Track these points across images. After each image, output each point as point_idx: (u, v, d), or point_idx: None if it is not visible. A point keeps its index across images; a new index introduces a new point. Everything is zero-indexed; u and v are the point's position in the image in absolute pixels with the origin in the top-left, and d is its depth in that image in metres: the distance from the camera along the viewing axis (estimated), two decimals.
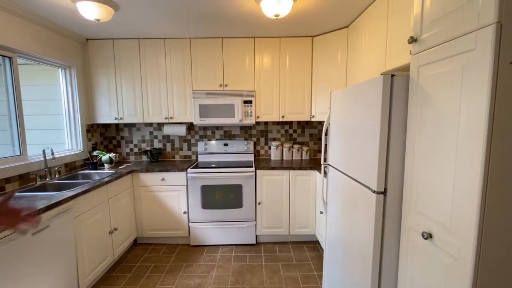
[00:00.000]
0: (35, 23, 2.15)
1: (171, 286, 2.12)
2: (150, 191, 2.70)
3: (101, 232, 2.15)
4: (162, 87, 2.84)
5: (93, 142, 2.94)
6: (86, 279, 1.95)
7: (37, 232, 1.49)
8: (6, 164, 1.94)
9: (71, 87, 2.66)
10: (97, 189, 2.09)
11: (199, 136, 3.25)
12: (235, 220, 2.72)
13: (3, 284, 1.30)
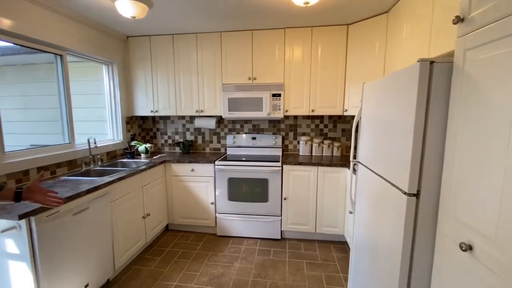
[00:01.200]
0: (82, 23, 2.35)
1: (195, 273, 2.20)
2: (180, 181, 2.82)
3: (135, 217, 2.31)
4: (194, 81, 2.92)
5: (132, 133, 3.16)
6: (121, 258, 2.13)
7: (78, 212, 1.66)
8: (57, 151, 2.18)
9: (113, 82, 2.88)
10: (132, 177, 2.25)
11: (228, 129, 3.29)
12: (261, 214, 2.71)
13: (52, 253, 1.46)
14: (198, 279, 2.11)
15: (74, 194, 1.63)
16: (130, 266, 2.28)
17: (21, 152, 1.90)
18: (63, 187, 1.78)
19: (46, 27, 2.02)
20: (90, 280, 1.77)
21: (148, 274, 2.18)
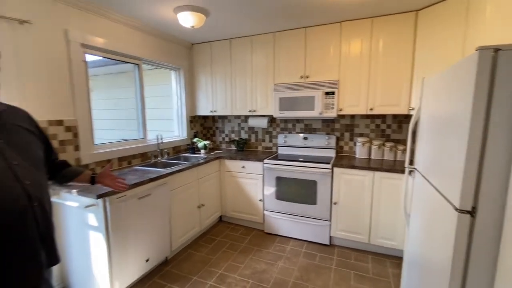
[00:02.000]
0: (154, 35, 2.74)
1: (240, 265, 2.31)
2: (233, 176, 3.00)
3: (191, 205, 2.58)
4: (248, 82, 3.05)
5: (195, 131, 3.52)
6: (177, 240, 2.41)
7: (142, 197, 1.96)
8: (133, 144, 2.61)
9: (179, 85, 3.26)
10: (189, 170, 2.51)
11: (280, 128, 3.31)
12: (308, 217, 2.64)
13: (120, 228, 1.78)
14: (241, 271, 2.21)
15: (139, 181, 1.93)
16: (185, 249, 2.56)
17: (106, 145, 2.36)
18: (134, 174, 2.13)
19: (126, 42, 2.45)
20: (150, 256, 2.08)
21: (199, 259, 2.40)
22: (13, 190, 0.90)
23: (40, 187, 1.00)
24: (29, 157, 1.00)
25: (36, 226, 0.96)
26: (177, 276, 2.15)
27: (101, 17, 2.19)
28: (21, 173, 0.93)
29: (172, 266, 2.28)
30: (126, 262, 1.85)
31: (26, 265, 0.94)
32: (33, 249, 0.96)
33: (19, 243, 0.92)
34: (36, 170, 1.01)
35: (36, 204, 0.96)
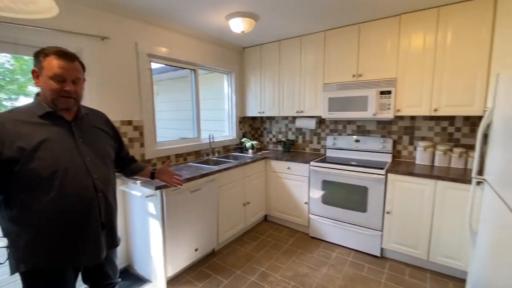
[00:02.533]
0: (207, 42, 2.95)
1: (282, 265, 2.32)
2: (278, 177, 3.02)
3: (237, 202, 2.69)
4: (296, 83, 3.02)
5: (244, 131, 3.66)
6: (224, 234, 2.55)
7: (193, 191, 2.14)
8: (189, 143, 2.87)
9: (230, 88, 3.43)
10: (236, 168, 2.63)
11: (330, 130, 3.19)
12: (357, 225, 2.49)
13: (174, 217, 1.99)
14: (283, 272, 2.22)
15: (192, 176, 2.12)
16: (230, 244, 2.69)
17: (166, 143, 2.64)
18: (188, 170, 2.34)
19: (184, 49, 2.70)
20: (199, 246, 2.25)
21: (243, 255, 2.50)
22: (84, 181, 1.11)
23: (105, 181, 1.19)
24: (100, 155, 1.20)
25: (99, 213, 1.16)
26: (222, 268, 2.28)
27: (163, 29, 2.47)
28: (91, 168, 1.14)
29: (218, 258, 2.43)
30: (177, 249, 2.05)
31: (87, 245, 1.14)
32: (95, 233, 1.15)
33: (84, 227, 1.12)
34: (104, 165, 1.21)
35: (100, 195, 1.16)
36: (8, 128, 0.98)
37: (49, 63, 1.05)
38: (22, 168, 0.98)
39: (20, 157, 0.97)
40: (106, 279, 1.32)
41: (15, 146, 0.97)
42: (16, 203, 1.02)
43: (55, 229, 1.06)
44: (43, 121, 1.06)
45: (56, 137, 1.07)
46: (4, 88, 5.63)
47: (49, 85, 1.06)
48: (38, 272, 1.06)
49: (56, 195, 1.04)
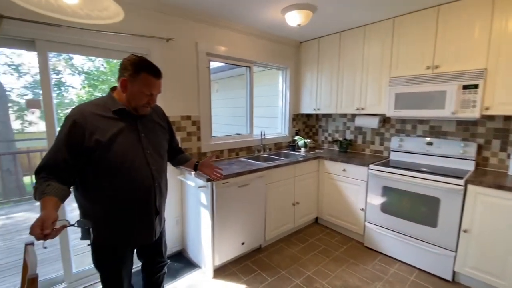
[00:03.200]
0: (263, 38, 2.94)
1: (330, 273, 2.17)
2: (332, 179, 2.84)
3: (285, 201, 2.64)
4: (357, 78, 2.77)
5: (297, 129, 3.56)
6: (271, 232, 2.54)
7: (241, 186, 2.18)
8: (242, 138, 2.94)
9: (285, 84, 3.37)
10: (286, 166, 2.57)
11: (395, 130, 2.83)
12: (424, 241, 2.15)
13: (222, 208, 2.06)
14: (330, 280, 2.08)
15: (240, 171, 2.16)
16: (277, 243, 2.65)
17: (220, 137, 2.76)
18: (237, 165, 2.40)
19: (240, 47, 2.75)
20: (245, 240, 2.29)
21: (289, 255, 2.44)
22: (144, 172, 1.22)
23: (160, 172, 1.32)
24: (157, 148, 1.32)
25: (154, 201, 1.28)
26: (267, 266, 2.27)
27: (221, 28, 2.56)
28: (150, 160, 1.25)
29: (264, 255, 2.43)
30: (225, 240, 2.12)
31: (143, 229, 1.28)
32: (150, 218, 1.28)
33: (142, 213, 1.25)
34: (159, 157, 1.32)
35: (156, 184, 1.27)
36: (89, 122, 1.11)
37: (145, 78, 1.17)
38: (97, 157, 1.11)
39: (97, 148, 1.10)
40: (156, 257, 1.47)
41: (93, 138, 1.10)
42: (90, 186, 1.16)
43: (120, 212, 1.19)
44: (115, 116, 1.18)
45: (125, 131, 1.19)
46: (97, 87, 6.75)
47: (139, 97, 1.18)
48: (102, 246, 1.22)
49: (124, 183, 1.17)
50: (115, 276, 1.28)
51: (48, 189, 1.00)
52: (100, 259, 1.26)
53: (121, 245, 1.25)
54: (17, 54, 5.17)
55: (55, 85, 5.73)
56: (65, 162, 1.07)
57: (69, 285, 1.93)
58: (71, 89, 5.97)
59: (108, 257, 1.25)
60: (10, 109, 5.57)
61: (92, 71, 6.34)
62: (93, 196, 1.17)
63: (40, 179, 1.04)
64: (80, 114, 1.11)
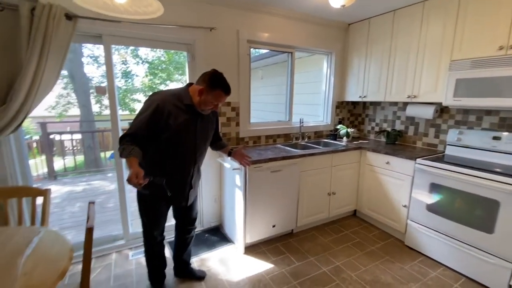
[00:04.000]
0: (306, 21, 2.83)
1: (361, 267, 2.12)
2: (373, 171, 2.67)
3: (320, 191, 2.61)
4: (411, 62, 2.49)
5: (340, 117, 3.40)
6: (303, 219, 2.56)
7: (274, 171, 2.24)
8: (279, 125, 2.96)
9: (330, 70, 3.22)
10: (322, 155, 2.52)
11: (455, 121, 2.48)
12: (476, 247, 1.90)
13: (254, 191, 2.17)
14: (360, 273, 2.03)
15: (273, 157, 2.21)
16: (310, 230, 2.67)
17: (258, 123, 2.84)
18: (272, 151, 2.45)
19: (282, 32, 2.72)
20: (276, 223, 2.37)
21: (320, 243, 2.44)
22: (191, 157, 1.55)
23: (201, 157, 1.64)
24: (205, 140, 1.64)
25: (191, 178, 1.60)
26: (297, 250, 2.32)
27: (262, 14, 2.57)
28: (197, 149, 1.57)
29: (295, 240, 2.48)
30: (256, 220, 2.24)
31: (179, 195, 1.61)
32: (185, 189, 1.61)
33: (180, 183, 1.58)
34: (203, 146, 1.63)
35: (195, 167, 1.61)
36: (166, 108, 1.39)
37: (219, 94, 1.46)
38: (165, 137, 1.42)
39: (167, 129, 1.40)
40: (187, 221, 1.82)
41: (167, 121, 1.39)
42: (150, 155, 1.46)
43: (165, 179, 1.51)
44: (185, 109, 1.46)
45: (188, 122, 1.47)
46: (157, 75, 7.45)
47: (208, 105, 1.47)
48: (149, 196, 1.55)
49: (176, 161, 1.51)
50: (153, 222, 1.64)
51: (133, 152, 1.30)
52: (145, 207, 1.61)
53: (161, 200, 1.59)
54: (96, 47, 6.03)
55: (124, 74, 6.58)
56: (143, 135, 1.37)
57: (126, 242, 2.32)
58: (135, 77, 6.77)
59: (150, 207, 1.60)
60: (91, 95, 6.60)
61: (153, 60, 7.05)
62: (148, 162, 1.46)
63: (126, 142, 1.33)
64: (162, 101, 1.40)
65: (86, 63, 6.44)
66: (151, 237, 1.68)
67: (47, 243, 1.16)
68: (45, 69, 1.60)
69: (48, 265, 1.01)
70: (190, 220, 1.83)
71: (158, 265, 1.80)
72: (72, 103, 7.14)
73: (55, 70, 1.68)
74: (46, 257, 1.05)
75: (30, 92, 1.58)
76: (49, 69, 1.62)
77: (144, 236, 1.70)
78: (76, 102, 6.39)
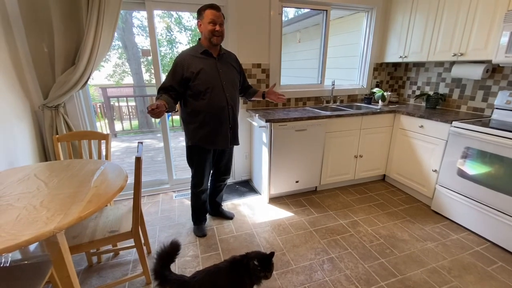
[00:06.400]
0: None
1: (379, 223, 2.21)
2: (405, 136, 2.60)
3: (347, 152, 2.66)
4: (461, 14, 2.22)
5: (378, 80, 3.24)
6: (327, 178, 2.68)
7: (298, 130, 2.35)
8: (310, 88, 2.98)
9: (369, 29, 3.03)
10: (350, 117, 2.52)
11: (508, 82, 2.22)
12: (507, 213, 1.83)
13: (279, 147, 2.34)
14: (377, 228, 2.14)
15: (298, 117, 2.32)
16: (333, 189, 2.79)
17: (288, 86, 2.90)
18: (300, 112, 2.54)
19: None
20: (300, 179, 2.54)
21: (342, 201, 2.56)
22: (221, 96, 1.75)
23: (233, 98, 1.83)
24: (231, 81, 1.82)
25: (228, 119, 1.81)
26: (317, 205, 2.49)
27: None
28: (226, 88, 1.77)
29: (317, 196, 2.64)
30: (280, 174, 2.44)
31: (221, 136, 1.83)
32: (225, 130, 1.84)
33: (220, 124, 1.80)
34: (232, 89, 1.82)
35: (230, 107, 1.80)
36: (187, 60, 1.67)
37: (208, 13, 1.64)
38: (192, 84, 1.67)
39: (191, 77, 1.66)
40: (222, 169, 2.06)
41: (189, 70, 1.66)
42: (188, 105, 1.75)
43: (206, 123, 1.75)
44: (202, 56, 1.71)
45: (208, 67, 1.70)
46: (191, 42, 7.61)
47: (208, 27, 1.65)
48: (195, 147, 1.83)
49: (208, 102, 1.71)
50: (200, 170, 1.90)
51: (162, 97, 1.63)
52: (192, 156, 1.88)
53: (206, 145, 1.82)
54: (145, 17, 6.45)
55: (168, 42, 6.99)
56: (171, 86, 1.68)
57: (171, 186, 2.77)
58: (179, 44, 7.13)
59: (197, 155, 1.86)
60: (142, 64, 7.21)
61: (195, 28, 7.28)
62: (190, 111, 1.76)
63: (158, 94, 1.69)
64: (180, 57, 1.71)
65: (137, 34, 6.97)
66: (199, 184, 1.93)
67: (110, 169, 1.52)
68: (102, 33, 1.90)
69: (111, 183, 1.35)
70: (226, 169, 2.07)
71: (202, 210, 2.05)
72: (126, 71, 7.92)
73: (109, 34, 1.98)
74: (109, 178, 1.40)
75: (92, 53, 1.92)
76: (105, 33, 1.92)
77: (192, 185, 1.95)
78: (130, 71, 7.08)
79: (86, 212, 1.00)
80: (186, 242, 1.96)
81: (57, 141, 1.80)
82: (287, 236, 2.04)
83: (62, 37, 1.91)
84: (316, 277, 1.64)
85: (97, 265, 1.75)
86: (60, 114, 2.04)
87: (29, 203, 1.06)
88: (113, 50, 7.03)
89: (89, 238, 1.36)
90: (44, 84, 2.03)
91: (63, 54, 1.94)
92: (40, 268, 1.18)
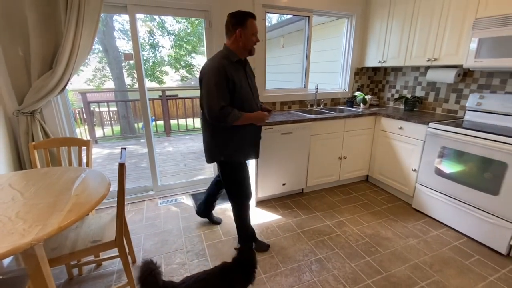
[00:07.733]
0: None
1: (364, 223, 2.27)
2: (387, 137, 2.70)
3: (331, 154, 2.72)
4: (434, 22, 2.36)
5: (359, 84, 3.35)
6: (313, 180, 2.72)
7: (284, 133, 2.39)
8: (294, 92, 3.04)
9: (350, 34, 3.14)
10: (334, 120, 2.59)
11: (478, 85, 2.37)
12: (481, 209, 1.94)
13: (266, 150, 2.36)
14: (362, 228, 2.19)
15: (284, 120, 2.35)
16: (319, 191, 2.84)
17: (273, 90, 2.94)
18: (285, 116, 2.58)
19: None
20: (286, 181, 2.57)
21: (328, 202, 2.61)
22: (253, 101, 1.66)
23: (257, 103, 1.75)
24: (256, 89, 1.74)
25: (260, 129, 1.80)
26: (304, 207, 2.52)
27: None
28: (254, 95, 1.68)
29: (304, 198, 2.68)
30: (267, 177, 2.45)
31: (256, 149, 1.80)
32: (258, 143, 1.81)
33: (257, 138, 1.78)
34: (256, 94, 1.74)
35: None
36: (227, 69, 1.47)
37: (252, 23, 1.52)
38: (236, 97, 1.53)
39: (234, 89, 1.51)
40: None
41: (233, 81, 1.49)
42: None
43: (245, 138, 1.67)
44: (237, 65, 1.56)
45: (241, 76, 1.58)
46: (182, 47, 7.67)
47: (251, 41, 1.54)
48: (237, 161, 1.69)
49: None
50: (248, 179, 1.76)
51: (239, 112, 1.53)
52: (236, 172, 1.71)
53: (244, 159, 1.73)
54: (126, 21, 6.32)
55: (151, 46, 6.88)
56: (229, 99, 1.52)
57: (155, 192, 2.70)
58: (162, 48, 7.04)
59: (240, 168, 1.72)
60: (124, 68, 7.03)
61: (178, 32, 7.22)
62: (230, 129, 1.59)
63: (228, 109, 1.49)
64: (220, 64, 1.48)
65: (118, 37, 6.81)
66: (250, 193, 1.80)
67: (92, 176, 1.46)
68: (82, 36, 1.84)
69: (92, 190, 1.30)
70: None
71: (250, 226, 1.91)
72: (107, 76, 7.70)
73: (90, 37, 1.92)
74: (91, 185, 1.35)
75: (71, 57, 1.85)
76: (85, 35, 1.87)
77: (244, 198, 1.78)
78: (111, 75, 6.89)
79: (67, 222, 0.96)
80: (173, 250, 1.92)
81: (34, 149, 1.72)
82: (275, 238, 2.04)
83: (39, 39, 1.83)
84: (305, 278, 1.65)
85: (78, 277, 1.67)
86: (37, 120, 1.95)
87: (3, 214, 1.00)
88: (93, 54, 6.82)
89: (69, 249, 1.30)
90: (18, 89, 1.93)
91: (40, 57, 1.86)
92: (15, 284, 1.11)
